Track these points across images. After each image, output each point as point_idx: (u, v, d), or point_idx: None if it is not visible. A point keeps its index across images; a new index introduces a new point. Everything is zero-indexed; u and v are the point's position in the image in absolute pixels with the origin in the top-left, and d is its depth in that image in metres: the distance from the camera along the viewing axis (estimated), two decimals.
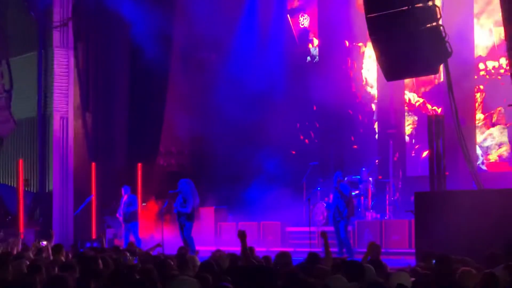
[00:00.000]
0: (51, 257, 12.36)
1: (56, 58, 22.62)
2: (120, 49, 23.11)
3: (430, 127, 13.87)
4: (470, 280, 7.77)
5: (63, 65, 22.70)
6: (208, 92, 23.50)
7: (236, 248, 13.61)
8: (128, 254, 11.79)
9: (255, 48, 24.22)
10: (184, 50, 24.33)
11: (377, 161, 22.39)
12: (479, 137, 21.16)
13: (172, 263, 9.43)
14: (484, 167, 21.01)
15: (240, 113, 22.78)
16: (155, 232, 20.80)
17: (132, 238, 19.20)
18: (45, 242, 14.41)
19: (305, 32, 25.00)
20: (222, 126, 23.14)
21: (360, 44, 23.65)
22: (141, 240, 19.39)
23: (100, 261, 9.55)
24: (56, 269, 9.36)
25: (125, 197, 19.82)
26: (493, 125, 21.13)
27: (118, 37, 22.44)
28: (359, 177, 21.45)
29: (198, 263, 9.49)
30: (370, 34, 13.95)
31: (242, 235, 9.92)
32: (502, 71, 20.82)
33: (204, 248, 19.11)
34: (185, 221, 18.03)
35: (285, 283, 6.61)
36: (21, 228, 21.45)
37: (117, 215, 19.99)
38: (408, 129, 22.57)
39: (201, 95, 24.00)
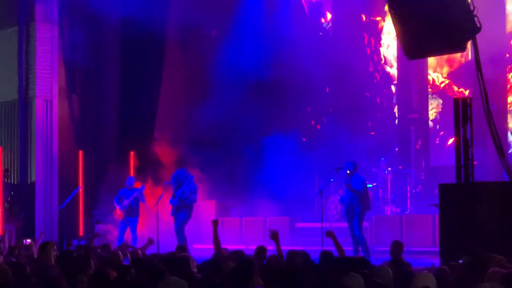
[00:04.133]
0: (35, 256, 12.42)
1: (39, 34, 22.59)
2: (111, 25, 23.05)
3: (456, 111, 13.80)
4: (497, 280, 7.79)
5: (47, 42, 22.65)
6: (209, 74, 23.42)
7: (241, 246, 13.69)
8: (120, 254, 11.80)
9: (261, 24, 24.11)
10: (182, 26, 24.23)
11: (397, 149, 22.39)
12: (511, 122, 21.15)
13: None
14: None
15: (244, 97, 22.73)
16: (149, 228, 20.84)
17: (128, 234, 19.32)
18: (29, 240, 14.47)
19: (317, 5, 24.95)
20: (224, 111, 23.07)
21: (379, 18, 23.65)
22: (138, 237, 19.45)
23: (91, 262, 9.62)
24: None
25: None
26: None
27: (108, 11, 22.37)
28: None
29: (194, 263, 9.55)
30: (390, 8, 13.92)
31: (274, 236, 10.18)
32: None
33: (204, 246, 19.16)
34: (183, 210, 18.32)
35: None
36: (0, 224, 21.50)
37: (117, 206, 19.96)
38: (432, 114, 22.58)
39: (201, 76, 23.93)
